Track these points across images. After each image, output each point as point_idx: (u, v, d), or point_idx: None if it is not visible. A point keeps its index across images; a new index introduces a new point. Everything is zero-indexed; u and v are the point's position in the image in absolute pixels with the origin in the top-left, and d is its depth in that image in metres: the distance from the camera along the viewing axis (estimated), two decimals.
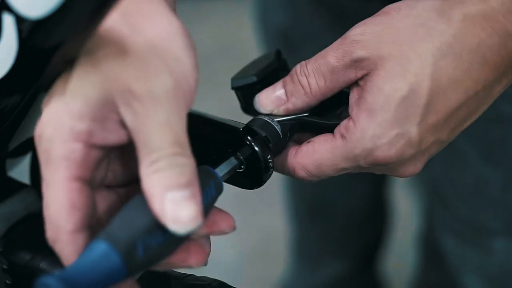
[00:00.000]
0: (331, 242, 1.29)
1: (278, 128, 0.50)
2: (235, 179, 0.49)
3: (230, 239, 1.62)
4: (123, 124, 0.42)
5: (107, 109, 0.41)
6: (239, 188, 0.51)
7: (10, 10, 0.41)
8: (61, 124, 0.41)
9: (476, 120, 0.53)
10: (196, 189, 0.41)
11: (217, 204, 0.45)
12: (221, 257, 1.68)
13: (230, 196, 0.65)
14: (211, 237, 0.45)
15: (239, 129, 0.49)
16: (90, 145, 0.42)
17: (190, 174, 0.41)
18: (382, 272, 1.41)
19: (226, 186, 0.48)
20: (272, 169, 0.49)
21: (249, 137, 0.48)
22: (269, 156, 0.49)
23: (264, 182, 0.49)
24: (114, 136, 0.42)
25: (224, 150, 0.49)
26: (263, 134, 0.49)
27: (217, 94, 1.77)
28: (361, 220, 1.26)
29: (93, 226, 0.42)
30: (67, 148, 0.41)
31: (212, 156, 0.49)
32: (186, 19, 0.50)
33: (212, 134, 0.48)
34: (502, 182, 0.86)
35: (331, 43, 0.52)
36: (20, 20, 0.41)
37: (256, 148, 0.48)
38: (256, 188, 0.50)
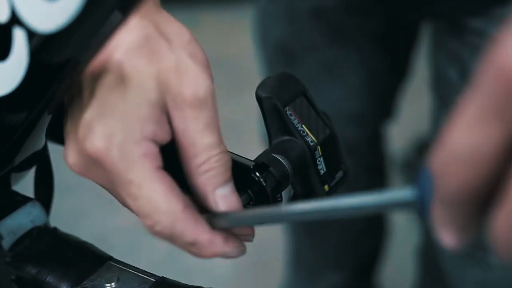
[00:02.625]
0: (329, 254, 1.29)
1: (286, 164, 0.49)
2: None
3: None
4: (170, 125, 0.45)
5: (162, 112, 0.45)
6: None
7: (21, 24, 0.41)
8: (131, 129, 0.44)
9: None
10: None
11: None
12: (216, 269, 1.68)
13: None
14: None
15: (250, 166, 0.48)
16: (156, 143, 0.45)
17: (231, 168, 0.46)
18: (379, 285, 1.40)
19: None
20: None
21: (257, 174, 0.48)
22: (278, 192, 0.48)
23: None
24: (166, 135, 0.45)
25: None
26: (273, 170, 0.49)
27: None
28: (358, 232, 1.26)
29: None
30: (143, 147, 0.44)
31: None
32: None
33: None
34: None
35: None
36: (31, 35, 0.41)
37: (265, 185, 0.48)
38: None
